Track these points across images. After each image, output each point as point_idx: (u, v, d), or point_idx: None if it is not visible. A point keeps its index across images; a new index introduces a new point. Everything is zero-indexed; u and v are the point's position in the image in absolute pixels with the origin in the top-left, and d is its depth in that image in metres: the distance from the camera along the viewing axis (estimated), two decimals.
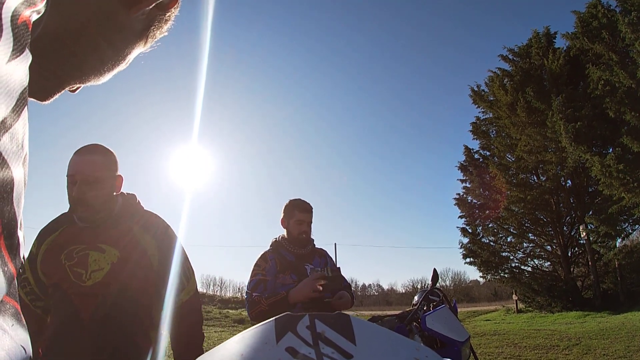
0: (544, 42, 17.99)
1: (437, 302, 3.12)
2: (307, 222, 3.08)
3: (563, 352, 8.09)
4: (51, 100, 0.60)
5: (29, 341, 0.42)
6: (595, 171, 14.31)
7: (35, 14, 0.43)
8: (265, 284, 2.84)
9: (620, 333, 9.14)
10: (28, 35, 0.41)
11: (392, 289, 51.60)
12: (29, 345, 0.41)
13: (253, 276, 2.90)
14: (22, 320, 0.41)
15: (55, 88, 0.59)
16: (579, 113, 15.05)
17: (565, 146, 15.18)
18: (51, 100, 0.60)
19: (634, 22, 13.33)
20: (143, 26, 0.62)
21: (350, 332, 0.67)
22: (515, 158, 18.62)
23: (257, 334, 0.66)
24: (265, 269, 2.91)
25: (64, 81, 0.59)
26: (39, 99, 0.59)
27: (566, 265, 17.72)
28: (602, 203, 15.66)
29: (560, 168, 17.17)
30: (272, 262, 2.95)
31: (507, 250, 19.63)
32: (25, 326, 0.42)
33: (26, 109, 0.42)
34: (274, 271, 2.91)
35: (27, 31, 0.41)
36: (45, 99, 0.59)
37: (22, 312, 0.42)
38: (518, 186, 18.03)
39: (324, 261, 3.15)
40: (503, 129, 19.15)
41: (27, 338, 0.41)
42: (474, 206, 19.85)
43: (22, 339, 0.40)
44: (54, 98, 0.60)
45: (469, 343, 2.61)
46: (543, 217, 18.81)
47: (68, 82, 0.60)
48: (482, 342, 9.45)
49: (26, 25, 0.40)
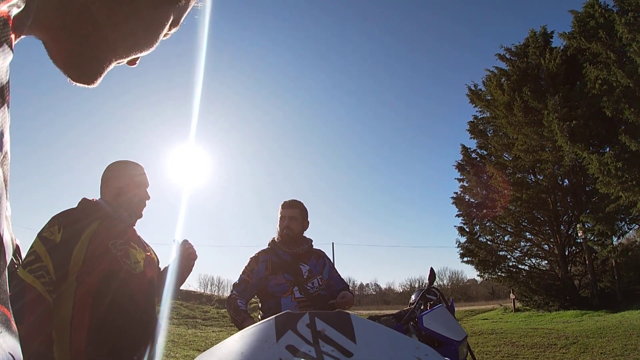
0: (541, 42, 18.02)
1: (434, 302, 3.12)
2: (289, 217, 3.10)
3: (560, 350, 8.11)
4: (98, 82, 0.56)
5: (18, 348, 0.40)
6: (593, 169, 14.33)
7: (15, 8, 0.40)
8: (247, 285, 2.95)
9: (618, 332, 9.17)
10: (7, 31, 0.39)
11: (389, 288, 51.63)
12: (18, 352, 0.40)
13: (241, 274, 3.03)
14: (11, 326, 0.40)
15: (97, 72, 0.55)
16: (575, 112, 15.09)
17: (562, 145, 15.21)
18: (98, 82, 0.56)
19: (631, 22, 13.36)
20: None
21: (350, 330, 0.67)
22: (513, 157, 18.67)
23: (258, 332, 0.66)
24: (254, 270, 2.99)
25: (102, 64, 0.55)
26: (86, 83, 0.55)
27: (563, 264, 17.76)
28: (599, 202, 15.69)
29: (557, 167, 17.24)
30: (263, 264, 3.00)
31: (504, 249, 19.69)
32: (16, 332, 0.41)
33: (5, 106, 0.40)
34: (261, 274, 2.97)
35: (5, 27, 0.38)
36: (92, 82, 0.55)
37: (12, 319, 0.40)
38: (515, 185, 18.06)
39: (322, 262, 3.15)
40: (500, 128, 19.21)
41: (16, 345, 0.40)
42: (471, 205, 19.90)
43: (11, 347, 0.39)
44: (100, 79, 0.56)
45: (466, 342, 2.61)
46: (540, 216, 18.84)
47: (107, 63, 0.56)
48: (479, 341, 9.47)
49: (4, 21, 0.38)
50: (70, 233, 1.96)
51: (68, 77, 0.54)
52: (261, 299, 3.01)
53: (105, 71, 0.56)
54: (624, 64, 13.94)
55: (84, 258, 1.94)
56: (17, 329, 0.42)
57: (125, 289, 2.00)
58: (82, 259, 1.93)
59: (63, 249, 1.91)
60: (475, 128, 20.61)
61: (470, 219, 19.71)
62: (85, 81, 0.55)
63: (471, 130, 20.71)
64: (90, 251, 1.96)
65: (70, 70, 0.54)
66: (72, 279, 1.90)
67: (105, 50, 0.54)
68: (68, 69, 0.54)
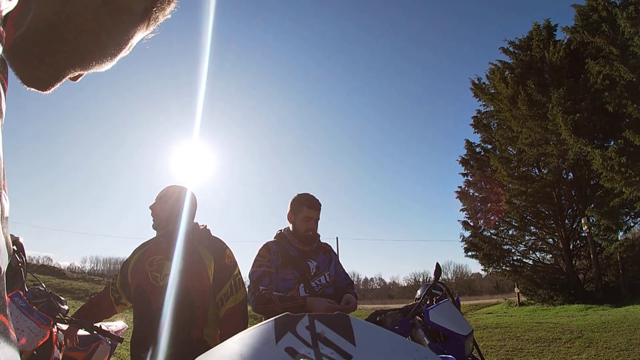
0: (544, 35, 17.93)
1: (440, 296, 3.11)
2: (315, 220, 2.99)
3: (565, 345, 8.10)
4: (52, 89, 0.56)
5: (17, 357, 0.40)
6: (597, 164, 14.28)
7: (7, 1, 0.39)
8: (270, 276, 2.77)
9: (622, 326, 9.15)
10: None
11: (394, 283, 51.85)
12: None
13: (257, 266, 2.82)
14: (10, 335, 0.39)
15: (54, 77, 0.55)
16: (579, 105, 15.01)
17: (566, 138, 15.13)
18: (52, 89, 0.56)
19: (633, 15, 13.24)
20: (144, 7, 0.58)
21: (350, 332, 0.67)
22: (517, 151, 18.61)
23: (257, 334, 0.66)
24: (269, 260, 2.84)
25: (63, 70, 0.55)
26: (39, 88, 0.55)
27: (568, 258, 17.74)
28: (603, 196, 15.63)
29: (562, 161, 17.14)
30: (275, 255, 2.87)
31: (508, 243, 19.69)
32: (15, 341, 0.40)
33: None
34: (276, 264, 2.84)
35: None
36: (46, 88, 0.56)
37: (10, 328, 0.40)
38: (519, 179, 18.01)
39: (328, 257, 3.08)
40: (504, 122, 19.14)
41: (14, 354, 0.39)
42: (475, 199, 19.87)
43: (10, 357, 0.38)
44: (55, 87, 0.56)
45: (472, 337, 2.61)
46: (545, 210, 18.79)
47: (67, 70, 0.56)
48: (484, 335, 9.47)
49: None
50: (131, 256, 2.73)
51: (21, 78, 0.53)
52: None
53: (62, 80, 0.57)
54: (627, 58, 13.83)
55: (132, 274, 2.64)
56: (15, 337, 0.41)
57: (143, 298, 2.48)
58: (132, 275, 2.64)
59: (125, 269, 2.74)
60: (479, 122, 20.56)
61: (474, 213, 19.70)
62: (40, 86, 0.55)
63: (475, 124, 20.67)
64: (133, 270, 2.64)
65: (29, 72, 0.53)
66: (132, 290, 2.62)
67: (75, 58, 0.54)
68: (26, 71, 0.53)
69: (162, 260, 2.53)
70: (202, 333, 2.46)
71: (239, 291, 2.56)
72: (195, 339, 2.42)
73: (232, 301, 2.51)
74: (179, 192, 2.67)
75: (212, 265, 2.54)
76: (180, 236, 2.55)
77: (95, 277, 27.40)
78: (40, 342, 2.65)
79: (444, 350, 2.47)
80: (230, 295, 2.52)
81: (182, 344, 2.35)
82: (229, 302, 2.50)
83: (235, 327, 2.45)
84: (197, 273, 2.48)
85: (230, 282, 2.54)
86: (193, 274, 2.47)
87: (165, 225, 2.61)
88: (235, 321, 2.49)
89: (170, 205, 2.62)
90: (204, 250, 2.57)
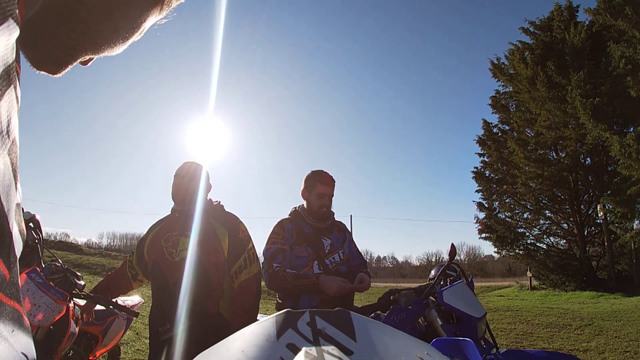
0: (566, 16, 17.46)
1: (454, 277, 3.11)
2: (329, 196, 2.98)
3: (575, 331, 8.10)
4: (62, 73, 0.54)
5: (31, 345, 0.39)
6: (614, 151, 14.00)
7: None
8: (284, 253, 2.78)
9: (633, 316, 9.12)
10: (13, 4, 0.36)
11: (406, 262, 52.02)
12: (31, 349, 0.39)
13: (271, 244, 2.84)
14: (24, 322, 0.39)
15: (66, 60, 0.53)
16: (599, 89, 14.65)
17: (584, 122, 14.83)
18: (62, 73, 0.54)
19: None
20: None
21: (351, 328, 0.68)
22: (535, 133, 18.34)
23: (258, 331, 0.67)
24: (284, 237, 2.84)
25: (75, 52, 0.53)
26: (49, 71, 0.53)
27: (582, 244, 17.59)
28: (620, 183, 15.29)
29: (580, 145, 16.83)
30: (289, 232, 2.88)
31: (523, 226, 19.55)
32: (29, 328, 0.40)
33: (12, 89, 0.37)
34: (290, 241, 2.85)
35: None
36: (56, 71, 0.54)
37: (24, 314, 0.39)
38: (536, 162, 17.78)
39: (342, 236, 3.07)
40: (523, 104, 18.82)
41: (29, 342, 0.39)
42: (491, 180, 19.71)
43: (23, 345, 0.37)
44: (65, 70, 0.55)
45: (485, 319, 2.61)
46: (560, 195, 18.58)
47: (79, 53, 0.54)
48: (495, 318, 9.50)
49: None
50: (146, 234, 2.83)
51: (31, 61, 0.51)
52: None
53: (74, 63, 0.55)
54: None
55: (148, 252, 2.75)
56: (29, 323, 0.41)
57: (160, 274, 2.58)
58: (148, 253, 2.75)
59: (141, 247, 2.84)
60: (498, 103, 20.25)
61: (489, 195, 19.56)
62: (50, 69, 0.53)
63: (493, 104, 20.37)
64: (149, 248, 2.75)
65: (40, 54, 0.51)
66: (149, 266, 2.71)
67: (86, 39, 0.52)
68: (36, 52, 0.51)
69: (177, 237, 2.62)
70: (218, 306, 2.55)
71: (253, 264, 2.64)
72: (212, 312, 2.52)
73: (245, 274, 2.59)
74: (194, 169, 2.72)
75: (226, 239, 2.62)
76: (196, 213, 2.63)
77: (112, 252, 27.86)
78: (57, 317, 2.72)
79: (457, 332, 2.48)
80: (244, 268, 2.60)
81: (199, 317, 2.44)
82: (242, 275, 2.59)
83: (248, 299, 2.56)
84: (213, 248, 2.56)
85: (244, 256, 2.62)
86: (208, 250, 2.55)
87: (182, 202, 2.67)
88: (248, 294, 2.57)
89: (186, 182, 2.68)
90: (218, 226, 2.65)
